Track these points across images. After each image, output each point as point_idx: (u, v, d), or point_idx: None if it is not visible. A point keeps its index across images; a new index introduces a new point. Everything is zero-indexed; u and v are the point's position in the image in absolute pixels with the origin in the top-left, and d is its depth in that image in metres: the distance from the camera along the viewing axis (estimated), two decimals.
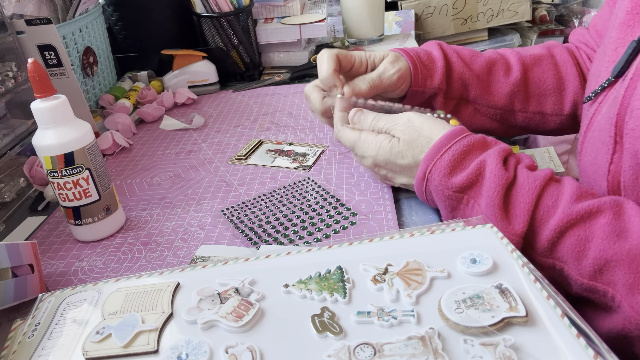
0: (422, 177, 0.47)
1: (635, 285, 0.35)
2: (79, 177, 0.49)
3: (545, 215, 0.40)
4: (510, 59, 0.63)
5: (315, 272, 0.38)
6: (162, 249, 0.50)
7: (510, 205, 0.42)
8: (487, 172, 0.43)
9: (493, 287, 0.34)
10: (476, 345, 0.30)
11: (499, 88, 0.62)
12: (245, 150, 0.65)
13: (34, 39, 0.68)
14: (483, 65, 0.62)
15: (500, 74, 0.62)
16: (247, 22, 0.97)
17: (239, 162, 0.63)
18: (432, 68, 0.61)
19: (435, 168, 0.46)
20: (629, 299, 0.35)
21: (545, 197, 0.41)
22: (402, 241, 0.41)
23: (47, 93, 0.46)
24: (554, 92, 0.62)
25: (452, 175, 0.45)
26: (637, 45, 0.42)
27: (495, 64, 0.62)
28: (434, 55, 0.62)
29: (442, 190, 0.46)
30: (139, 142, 0.77)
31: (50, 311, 0.38)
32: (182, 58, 0.93)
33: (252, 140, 0.70)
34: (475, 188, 0.44)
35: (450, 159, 0.45)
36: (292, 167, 0.63)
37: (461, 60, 0.62)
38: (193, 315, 0.35)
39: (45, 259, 0.51)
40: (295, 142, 0.69)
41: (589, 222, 0.38)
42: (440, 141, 0.46)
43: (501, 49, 0.66)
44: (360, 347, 0.31)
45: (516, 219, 0.41)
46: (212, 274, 0.39)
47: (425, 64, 0.61)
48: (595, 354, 0.29)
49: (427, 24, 1.30)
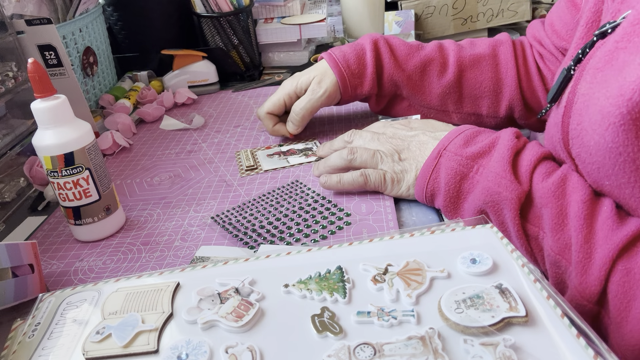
0: (435, 155, 0.48)
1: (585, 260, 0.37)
2: (79, 177, 0.49)
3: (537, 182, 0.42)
4: (448, 58, 0.63)
5: (315, 272, 0.38)
6: (162, 249, 0.50)
7: (518, 165, 0.44)
8: (500, 141, 0.46)
9: (493, 287, 0.34)
10: (476, 345, 0.30)
11: (432, 89, 0.64)
12: (248, 160, 0.65)
13: (34, 39, 0.68)
14: (417, 66, 0.63)
15: (433, 74, 0.63)
16: (247, 22, 0.97)
17: (253, 172, 0.62)
18: (362, 75, 0.64)
19: (451, 144, 0.48)
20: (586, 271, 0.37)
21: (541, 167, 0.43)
22: (402, 241, 0.41)
23: (47, 93, 0.46)
24: (490, 94, 0.62)
25: (467, 146, 0.47)
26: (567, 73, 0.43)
27: (430, 63, 0.63)
28: (365, 60, 0.64)
29: (453, 158, 0.47)
30: (139, 142, 0.77)
31: (50, 311, 0.38)
32: (182, 58, 0.93)
33: (241, 151, 0.68)
34: (487, 156, 0.46)
35: (465, 136, 0.48)
36: (312, 160, 0.63)
37: (394, 61, 0.63)
38: (193, 315, 0.35)
39: (45, 259, 0.51)
40: (284, 144, 0.69)
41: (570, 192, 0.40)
42: (455, 128, 0.50)
43: (446, 42, 0.65)
44: (360, 347, 0.31)
45: (522, 176, 0.43)
46: (212, 274, 0.39)
47: (354, 73, 0.64)
48: (595, 354, 0.29)
49: (427, 24, 1.30)
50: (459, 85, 0.63)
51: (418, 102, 0.65)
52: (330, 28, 1.17)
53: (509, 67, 0.61)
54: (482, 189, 0.44)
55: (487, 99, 0.63)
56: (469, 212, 0.46)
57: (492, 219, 0.44)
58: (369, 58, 0.64)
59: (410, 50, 0.64)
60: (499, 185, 0.43)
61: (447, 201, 0.48)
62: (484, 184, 0.44)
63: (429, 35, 1.30)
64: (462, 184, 0.46)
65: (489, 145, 0.46)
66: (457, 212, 0.48)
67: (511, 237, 0.43)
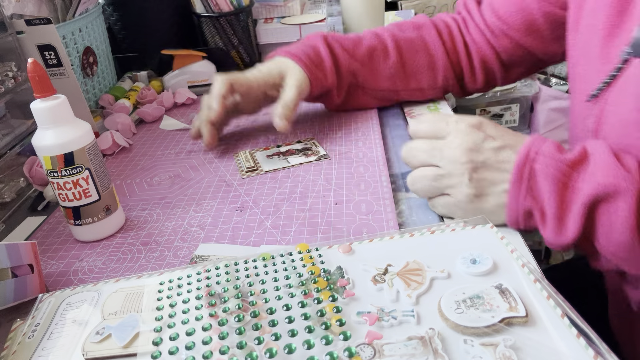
0: (524, 158, 0.42)
1: None
2: (79, 177, 0.48)
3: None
4: (387, 43, 0.68)
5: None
6: (162, 249, 0.50)
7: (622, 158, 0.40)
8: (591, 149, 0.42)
9: (493, 287, 0.34)
10: (476, 345, 0.30)
11: (381, 72, 0.69)
12: (248, 162, 0.64)
13: (34, 39, 0.67)
14: (365, 54, 0.68)
15: (380, 59, 0.68)
16: (247, 22, 0.96)
17: (254, 173, 0.62)
18: (323, 69, 0.66)
19: (541, 147, 0.42)
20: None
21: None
22: (402, 241, 0.41)
23: (47, 93, 0.46)
24: (427, 69, 0.69)
25: (561, 152, 0.42)
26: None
27: (374, 50, 0.68)
28: (321, 54, 0.67)
29: (554, 164, 0.41)
30: (138, 142, 0.77)
31: (50, 311, 0.38)
32: (182, 58, 0.93)
33: (239, 153, 0.67)
34: (585, 164, 0.41)
35: (553, 142, 0.43)
36: (312, 160, 0.63)
37: (345, 52, 0.68)
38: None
39: (45, 259, 0.51)
40: (282, 144, 0.69)
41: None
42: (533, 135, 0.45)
43: (379, 30, 0.71)
44: (360, 347, 0.31)
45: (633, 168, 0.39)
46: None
47: (317, 66, 0.66)
48: (595, 354, 0.29)
49: None
50: (402, 65, 0.69)
51: (372, 87, 0.70)
52: (330, 28, 1.17)
53: (436, 45, 0.69)
54: (589, 186, 0.40)
55: (426, 74, 0.70)
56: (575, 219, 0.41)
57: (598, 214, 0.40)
58: (324, 52, 0.67)
59: (354, 41, 0.69)
60: (615, 177, 0.39)
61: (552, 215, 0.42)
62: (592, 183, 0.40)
63: None
64: (564, 193, 0.41)
65: (583, 154, 0.42)
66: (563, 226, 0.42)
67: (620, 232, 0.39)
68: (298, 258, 0.40)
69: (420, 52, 0.69)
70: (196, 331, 0.34)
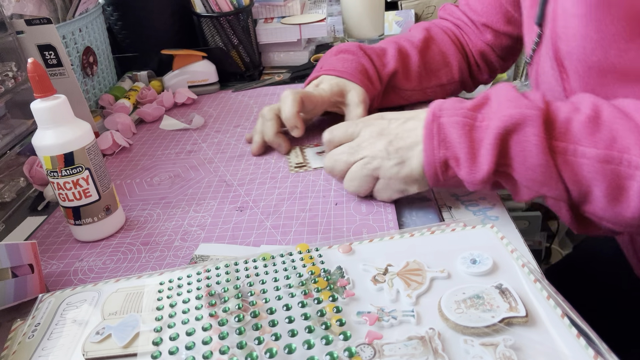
0: (431, 117, 0.46)
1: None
2: (79, 177, 0.48)
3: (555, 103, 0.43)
4: (406, 46, 0.71)
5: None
6: (162, 249, 0.50)
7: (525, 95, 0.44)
8: (493, 92, 0.46)
9: (493, 287, 0.34)
10: (476, 345, 0.30)
11: (411, 72, 0.71)
12: (298, 157, 0.64)
13: (34, 39, 0.67)
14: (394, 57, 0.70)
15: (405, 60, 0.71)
16: (247, 22, 0.96)
17: (302, 169, 0.61)
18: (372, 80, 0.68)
19: (444, 104, 0.47)
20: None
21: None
22: (402, 241, 0.41)
23: (47, 93, 0.46)
24: (443, 65, 0.72)
25: (462, 102, 0.47)
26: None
27: (399, 52, 0.70)
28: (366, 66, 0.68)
29: (457, 112, 0.45)
30: (138, 142, 0.77)
31: (50, 311, 0.38)
32: (182, 58, 0.93)
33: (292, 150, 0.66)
34: (486, 106, 0.45)
35: (453, 99, 0.48)
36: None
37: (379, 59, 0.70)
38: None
39: (45, 259, 0.51)
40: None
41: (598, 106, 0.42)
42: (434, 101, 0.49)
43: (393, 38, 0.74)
44: (360, 347, 0.31)
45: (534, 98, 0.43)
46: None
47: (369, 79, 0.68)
48: (595, 354, 0.29)
49: None
50: (423, 63, 0.71)
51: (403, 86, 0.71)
52: (330, 28, 1.17)
53: (445, 41, 0.73)
54: (497, 120, 0.43)
55: (443, 70, 0.72)
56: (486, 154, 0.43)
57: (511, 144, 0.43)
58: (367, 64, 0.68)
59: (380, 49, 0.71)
60: (518, 106, 0.42)
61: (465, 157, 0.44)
62: (499, 116, 0.43)
63: None
64: (472, 134, 0.44)
65: (484, 97, 0.46)
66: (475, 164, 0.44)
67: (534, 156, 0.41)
68: (298, 258, 0.40)
69: (433, 49, 0.72)
70: (196, 331, 0.34)
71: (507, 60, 0.75)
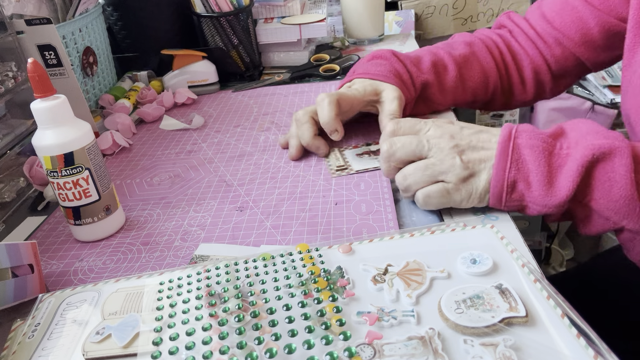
0: (507, 136, 0.45)
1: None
2: (79, 177, 0.48)
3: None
4: (445, 59, 0.68)
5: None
6: (162, 249, 0.50)
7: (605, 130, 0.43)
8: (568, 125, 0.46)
9: (493, 287, 0.34)
10: (476, 345, 0.30)
11: (446, 85, 0.69)
12: (338, 160, 0.62)
13: (34, 39, 0.67)
14: (429, 68, 0.68)
15: (442, 73, 0.68)
16: (247, 22, 0.96)
17: (344, 172, 0.59)
18: (407, 85, 0.67)
19: (520, 126, 0.46)
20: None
21: None
22: (402, 241, 0.41)
23: (47, 93, 0.46)
24: (481, 84, 0.70)
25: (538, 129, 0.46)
26: None
27: (436, 65, 0.68)
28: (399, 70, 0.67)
29: (535, 136, 0.44)
30: (138, 142, 0.77)
31: (50, 311, 0.38)
32: (182, 58, 0.93)
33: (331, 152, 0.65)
34: (564, 136, 0.45)
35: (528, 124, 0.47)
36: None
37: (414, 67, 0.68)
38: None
39: (45, 259, 0.51)
40: (372, 142, 0.66)
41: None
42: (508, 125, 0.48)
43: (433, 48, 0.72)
44: (360, 347, 0.31)
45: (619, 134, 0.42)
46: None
47: (403, 82, 0.66)
48: (595, 354, 0.29)
49: (427, 24, 1.30)
50: (462, 80, 0.69)
51: (436, 100, 0.69)
52: (330, 28, 1.17)
53: (487, 59, 0.70)
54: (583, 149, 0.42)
55: (480, 88, 0.70)
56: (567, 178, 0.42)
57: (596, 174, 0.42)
58: (401, 69, 0.66)
59: (415, 57, 0.69)
60: (606, 137, 0.42)
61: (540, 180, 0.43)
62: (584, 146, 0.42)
63: (429, 35, 1.31)
64: (550, 159, 0.43)
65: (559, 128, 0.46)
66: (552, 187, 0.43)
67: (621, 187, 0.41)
68: (298, 258, 0.40)
69: (475, 67, 0.69)
70: (196, 331, 0.34)
71: (559, 82, 0.72)
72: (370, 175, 0.59)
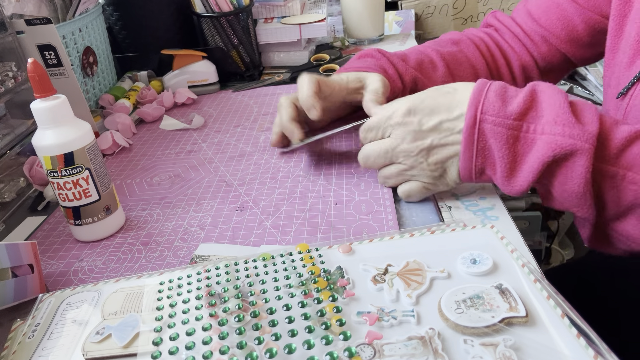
0: (472, 121, 0.45)
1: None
2: (79, 177, 0.48)
3: (611, 126, 0.42)
4: (433, 56, 0.69)
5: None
6: (162, 249, 0.50)
7: (578, 112, 0.43)
8: (541, 94, 0.44)
9: (493, 287, 0.34)
10: (476, 345, 0.30)
11: (435, 82, 0.68)
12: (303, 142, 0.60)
13: (34, 39, 0.67)
14: (415, 65, 0.68)
15: (430, 70, 0.68)
16: (247, 22, 0.96)
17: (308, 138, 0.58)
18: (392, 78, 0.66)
19: (486, 104, 0.45)
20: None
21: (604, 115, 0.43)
22: (402, 241, 0.41)
23: (47, 93, 0.46)
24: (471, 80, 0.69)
25: (506, 105, 0.44)
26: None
27: (422, 62, 0.68)
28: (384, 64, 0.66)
29: (501, 122, 0.44)
30: (139, 142, 0.77)
31: (50, 311, 0.38)
32: (182, 58, 0.93)
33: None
34: (532, 111, 0.44)
35: (496, 92, 0.45)
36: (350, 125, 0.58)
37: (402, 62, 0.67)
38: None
39: (45, 259, 0.51)
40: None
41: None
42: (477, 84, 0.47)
43: (418, 47, 0.72)
44: (360, 347, 0.31)
45: (589, 122, 0.42)
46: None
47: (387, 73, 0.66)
48: (595, 354, 0.29)
49: (427, 23, 1.30)
50: (451, 77, 0.69)
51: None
52: (330, 28, 1.17)
53: (476, 57, 0.70)
54: (547, 145, 0.42)
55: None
56: (528, 173, 0.44)
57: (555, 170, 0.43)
58: (386, 63, 0.66)
59: (402, 54, 0.69)
60: (571, 136, 0.41)
61: (503, 170, 0.45)
62: (548, 139, 0.42)
63: (429, 35, 1.30)
64: (515, 146, 0.44)
65: (531, 99, 0.44)
66: (514, 177, 0.45)
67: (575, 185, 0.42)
68: (298, 258, 0.40)
69: (464, 64, 0.70)
70: (196, 331, 0.34)
71: (546, 77, 0.72)
72: (370, 175, 0.59)
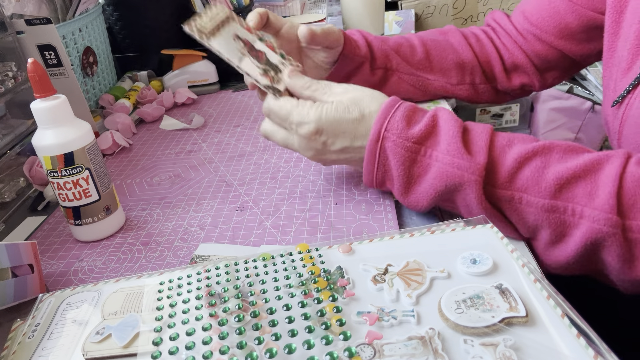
0: (376, 137, 0.47)
1: (593, 193, 0.40)
2: (79, 177, 0.48)
3: (501, 152, 0.44)
4: (413, 41, 0.71)
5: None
6: (162, 249, 0.50)
7: (469, 142, 0.45)
8: (441, 121, 0.46)
9: (493, 287, 0.34)
10: (476, 345, 0.30)
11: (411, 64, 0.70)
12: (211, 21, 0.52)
13: (34, 39, 0.67)
14: (393, 45, 0.70)
15: (407, 53, 0.70)
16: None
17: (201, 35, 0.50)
18: (357, 43, 0.67)
19: (391, 123, 0.47)
20: (590, 204, 0.40)
21: (498, 138, 0.45)
22: (402, 241, 0.41)
23: (47, 93, 0.46)
24: (455, 67, 0.71)
25: (410, 127, 0.46)
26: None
27: (401, 45, 0.70)
28: (354, 34, 0.69)
29: (401, 144, 0.46)
30: (139, 142, 0.77)
31: (50, 311, 0.38)
32: (182, 58, 0.93)
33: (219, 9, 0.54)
34: (432, 137, 0.46)
35: (403, 114, 0.47)
36: (260, 82, 0.51)
37: (377, 39, 0.69)
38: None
39: (45, 259, 0.51)
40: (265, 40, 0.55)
41: (544, 154, 0.43)
42: (387, 102, 0.48)
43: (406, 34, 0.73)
44: (360, 347, 0.31)
45: (477, 152, 0.44)
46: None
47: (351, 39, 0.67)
48: (595, 354, 0.29)
49: (427, 23, 1.30)
50: (429, 62, 0.70)
51: (406, 70, 0.70)
52: None
53: (463, 47, 0.71)
54: (439, 174, 0.44)
55: (454, 71, 0.71)
56: (423, 195, 0.46)
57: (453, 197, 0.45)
58: (357, 33, 0.68)
59: (382, 37, 0.71)
60: (459, 167, 0.43)
61: (399, 187, 0.48)
62: (440, 169, 0.44)
63: None
64: (411, 169, 0.46)
65: (432, 124, 0.46)
66: (409, 196, 0.48)
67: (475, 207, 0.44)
68: (298, 258, 0.40)
69: (447, 51, 0.71)
70: (196, 331, 0.34)
71: (546, 75, 0.73)
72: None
